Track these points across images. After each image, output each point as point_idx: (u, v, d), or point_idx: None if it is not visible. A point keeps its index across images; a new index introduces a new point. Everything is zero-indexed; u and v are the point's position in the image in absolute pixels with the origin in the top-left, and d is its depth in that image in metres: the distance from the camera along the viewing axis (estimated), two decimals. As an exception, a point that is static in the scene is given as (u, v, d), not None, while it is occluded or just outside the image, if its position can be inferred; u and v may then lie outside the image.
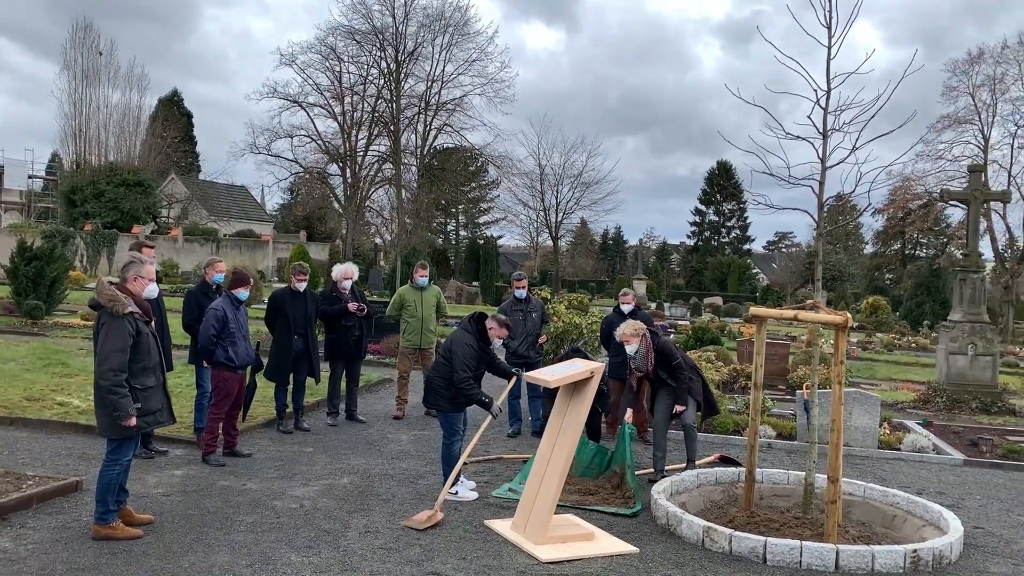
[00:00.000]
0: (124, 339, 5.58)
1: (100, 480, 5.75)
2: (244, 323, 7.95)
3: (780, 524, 6.53)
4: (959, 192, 14.26)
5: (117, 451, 5.76)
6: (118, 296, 5.67)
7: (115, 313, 5.60)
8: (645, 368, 7.75)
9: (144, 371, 5.76)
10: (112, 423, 5.64)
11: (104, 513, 5.68)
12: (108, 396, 5.56)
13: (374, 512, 6.51)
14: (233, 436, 8.05)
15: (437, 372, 7.22)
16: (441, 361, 7.19)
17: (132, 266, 5.92)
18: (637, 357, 7.74)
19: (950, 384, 13.07)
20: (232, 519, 6.16)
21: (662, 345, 7.82)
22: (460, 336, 7.15)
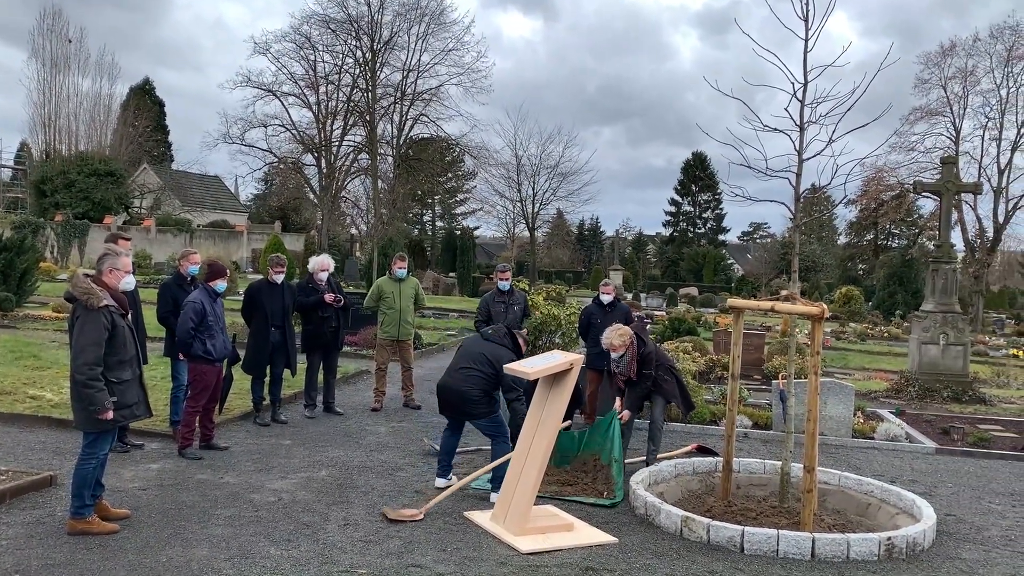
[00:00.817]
0: (99, 332, 5.51)
1: (76, 474, 5.69)
2: (221, 315, 7.88)
3: (757, 513, 6.60)
4: (932, 184, 14.44)
5: (93, 445, 5.70)
6: (93, 289, 5.60)
7: (90, 306, 5.53)
8: (629, 373, 7.76)
9: (120, 364, 5.69)
10: (88, 417, 5.58)
11: (80, 508, 5.61)
12: (84, 390, 5.49)
13: (353, 505, 6.49)
14: (210, 429, 7.99)
15: (470, 383, 6.77)
16: (476, 373, 6.78)
17: (107, 258, 5.86)
18: (622, 363, 7.72)
19: (922, 373, 13.25)
20: (210, 513, 6.12)
21: (646, 355, 7.80)
22: (499, 352, 6.90)
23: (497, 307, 10.25)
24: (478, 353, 6.93)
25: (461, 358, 7.03)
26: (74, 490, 5.64)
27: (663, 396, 8.03)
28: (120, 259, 5.90)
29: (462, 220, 67.36)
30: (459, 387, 6.81)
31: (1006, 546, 6.32)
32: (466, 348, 7.19)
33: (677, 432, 9.88)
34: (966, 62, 34.82)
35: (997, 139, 34.98)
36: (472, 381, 6.78)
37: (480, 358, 6.88)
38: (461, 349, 7.25)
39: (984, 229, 35.81)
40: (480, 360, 6.86)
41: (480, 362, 6.85)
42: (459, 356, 7.11)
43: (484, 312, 10.38)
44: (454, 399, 6.87)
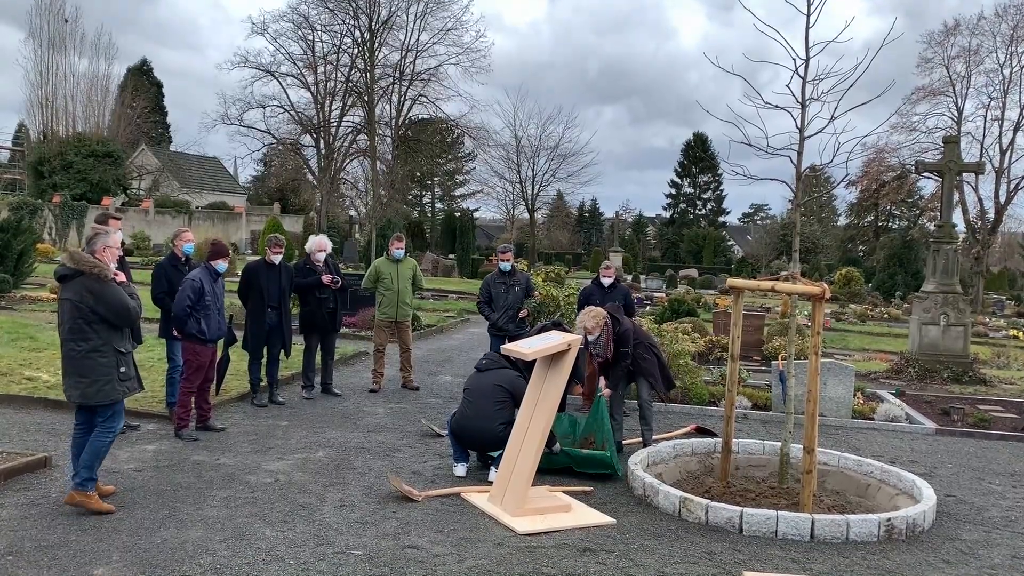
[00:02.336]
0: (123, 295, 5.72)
1: (91, 447, 5.74)
2: (221, 296, 7.81)
3: (756, 494, 6.57)
4: (934, 164, 14.33)
5: (112, 419, 5.84)
6: (100, 264, 5.70)
7: (104, 278, 5.66)
8: (605, 354, 7.71)
9: (122, 337, 5.83)
10: (102, 389, 5.67)
11: (86, 480, 5.66)
12: None
13: (350, 486, 6.45)
14: (206, 410, 7.94)
15: (497, 421, 6.66)
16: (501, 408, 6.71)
17: (99, 237, 5.87)
18: (598, 345, 7.65)
19: (922, 354, 13.21)
20: (205, 494, 6.08)
21: (623, 333, 7.75)
22: (508, 376, 6.85)
23: (498, 288, 10.20)
24: (492, 387, 6.82)
25: (478, 399, 6.85)
26: (85, 461, 5.67)
27: (644, 375, 7.98)
28: (111, 236, 5.93)
29: (461, 202, 67.18)
30: (489, 427, 6.67)
31: (1006, 527, 6.28)
32: (475, 388, 6.97)
33: (675, 413, 9.85)
34: (970, 41, 34.59)
35: (999, 119, 34.81)
36: (500, 417, 6.69)
37: (498, 392, 6.79)
38: (469, 391, 7.03)
39: (985, 210, 35.67)
40: (498, 393, 6.78)
41: (499, 396, 6.77)
42: (472, 398, 6.91)
43: (486, 294, 10.33)
44: (485, 440, 6.78)
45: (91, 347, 5.67)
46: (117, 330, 5.75)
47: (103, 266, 5.70)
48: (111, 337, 5.72)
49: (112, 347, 5.71)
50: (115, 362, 5.73)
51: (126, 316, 5.74)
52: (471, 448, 6.95)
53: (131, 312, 5.76)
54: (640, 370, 7.93)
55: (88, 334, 5.66)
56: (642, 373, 7.95)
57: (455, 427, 6.88)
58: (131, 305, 5.76)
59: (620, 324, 7.77)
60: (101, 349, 5.69)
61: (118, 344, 5.76)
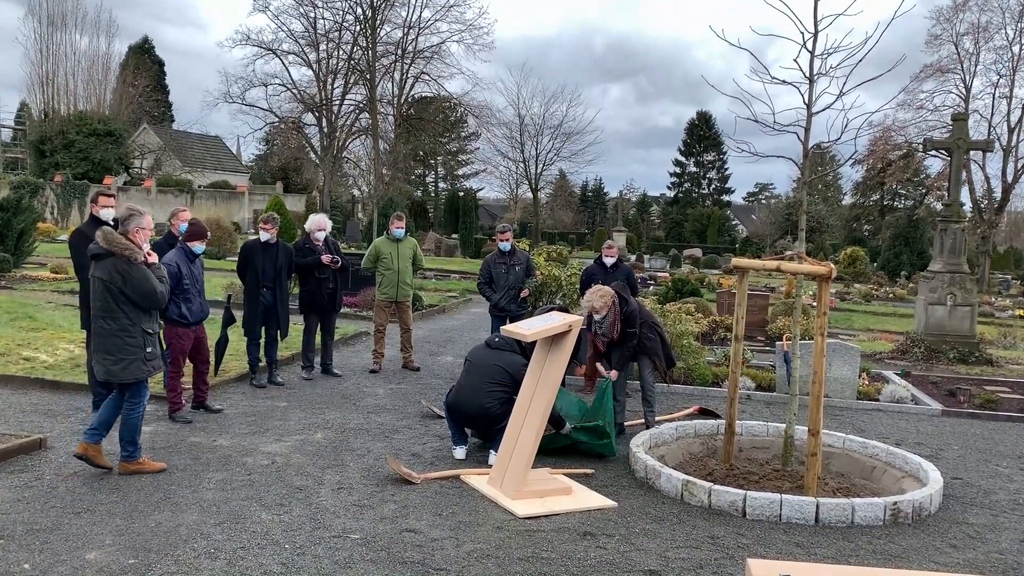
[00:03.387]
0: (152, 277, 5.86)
1: (125, 425, 5.98)
2: (200, 277, 7.70)
3: (760, 477, 6.48)
4: (942, 141, 14.11)
5: (136, 394, 6.00)
6: (131, 245, 5.84)
7: (134, 260, 5.80)
8: (612, 334, 7.57)
9: (150, 318, 6.01)
10: (128, 367, 5.84)
11: (132, 453, 5.98)
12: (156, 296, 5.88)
13: (348, 468, 6.37)
14: (203, 391, 7.86)
15: (492, 400, 6.54)
16: (497, 390, 6.57)
17: (133, 218, 6.02)
18: (604, 325, 7.52)
19: (928, 334, 13.07)
20: (201, 476, 6.00)
21: (630, 313, 7.63)
22: (514, 360, 6.70)
23: (499, 268, 10.10)
24: (493, 367, 6.69)
25: (476, 374, 6.74)
26: (125, 437, 5.97)
27: (647, 355, 7.87)
28: (144, 218, 6.08)
29: (465, 181, 66.87)
30: (481, 404, 6.57)
31: (1014, 510, 6.19)
32: (477, 362, 6.86)
33: (678, 394, 9.76)
34: (979, 17, 34.11)
35: (1008, 97, 34.40)
36: (494, 397, 6.58)
37: (497, 373, 6.66)
38: (470, 364, 6.93)
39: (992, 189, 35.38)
40: (498, 375, 6.66)
41: (499, 377, 6.65)
42: (472, 372, 6.81)
43: (486, 274, 10.23)
44: (477, 417, 6.68)
45: (119, 326, 5.86)
46: (145, 311, 5.91)
47: (134, 248, 5.85)
48: (139, 318, 5.90)
49: (140, 328, 5.91)
50: (142, 342, 5.92)
51: (153, 299, 5.87)
52: (463, 424, 6.85)
53: (158, 296, 5.90)
54: (644, 349, 7.82)
55: (116, 314, 5.85)
56: (646, 352, 7.84)
57: (450, 401, 6.82)
58: (159, 289, 5.91)
59: (627, 304, 7.65)
60: (129, 329, 5.88)
61: (146, 325, 5.94)
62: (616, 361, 7.69)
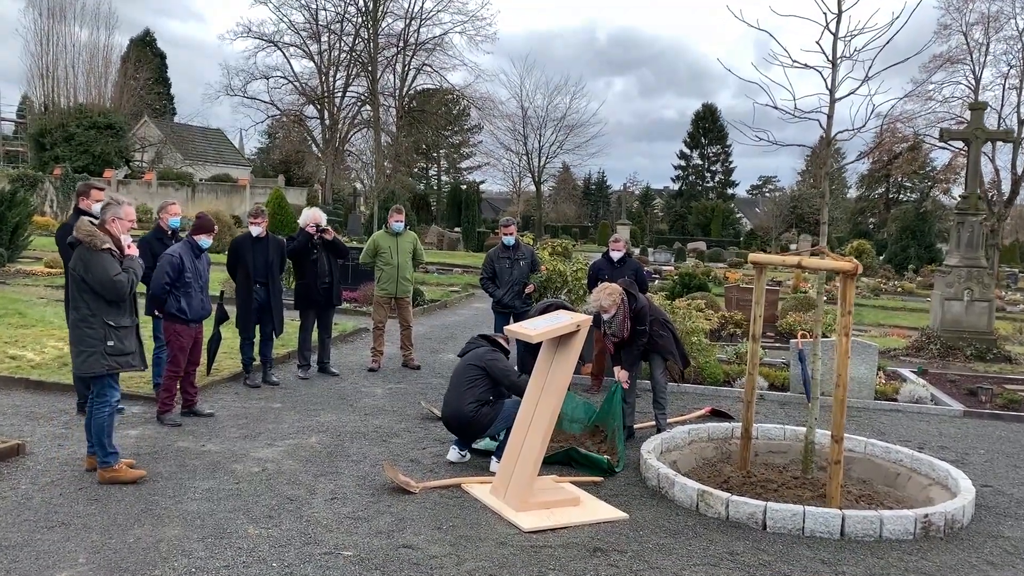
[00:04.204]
0: (113, 266, 5.52)
1: (92, 424, 5.66)
2: (204, 273, 7.33)
3: (778, 484, 6.12)
4: (960, 131, 13.70)
5: (102, 392, 5.66)
6: (96, 232, 5.57)
7: (92, 247, 5.51)
8: (622, 334, 7.20)
9: (119, 309, 5.65)
10: (87, 360, 5.55)
11: (105, 457, 5.61)
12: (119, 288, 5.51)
13: (343, 476, 6.02)
14: (192, 394, 7.49)
15: (465, 399, 6.29)
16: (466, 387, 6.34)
17: (110, 208, 5.80)
18: (614, 324, 7.15)
19: (945, 331, 12.68)
20: (186, 486, 5.65)
21: (640, 310, 7.26)
22: (477, 354, 6.52)
23: (502, 263, 9.71)
24: (464, 367, 6.50)
25: (453, 384, 6.54)
26: (94, 440, 5.64)
27: (660, 353, 7.50)
28: (123, 208, 5.81)
29: (468, 175, 66.41)
30: (458, 409, 6.32)
31: (1049, 521, 5.82)
32: (454, 373, 6.66)
33: (689, 394, 9.39)
34: (988, 7, 33.55)
35: (1018, 88, 33.86)
36: (466, 397, 6.30)
37: (469, 371, 6.44)
38: (451, 379, 6.69)
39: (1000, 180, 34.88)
40: (469, 373, 6.42)
41: (471, 376, 6.40)
42: (451, 383, 6.61)
43: (489, 269, 9.85)
44: (457, 424, 6.40)
45: (80, 316, 5.62)
46: (109, 302, 5.58)
47: (96, 235, 5.57)
48: (99, 308, 5.58)
49: (101, 319, 5.58)
50: (102, 335, 5.58)
51: (111, 289, 5.51)
52: (456, 435, 6.53)
53: (115, 286, 5.52)
54: (656, 347, 7.46)
55: (79, 303, 5.61)
56: (658, 351, 7.48)
57: (442, 416, 6.61)
58: (115, 279, 5.51)
59: (636, 301, 7.28)
60: (89, 320, 5.59)
61: (109, 317, 5.59)
62: (626, 360, 7.32)
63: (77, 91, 50.28)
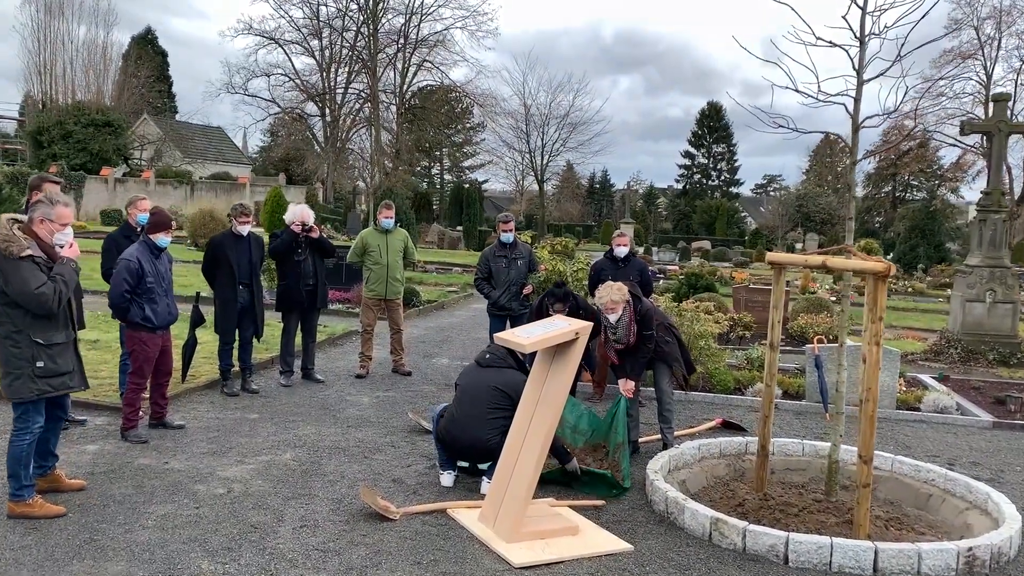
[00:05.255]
0: (36, 276, 4.79)
1: (9, 453, 5.00)
2: (166, 275, 6.71)
3: (799, 509, 5.52)
4: (983, 124, 13.08)
5: (24, 418, 4.99)
6: (13, 236, 4.84)
7: (8, 255, 4.78)
8: (627, 340, 6.54)
9: (48, 325, 4.94)
10: (12, 383, 4.88)
11: (18, 489, 4.94)
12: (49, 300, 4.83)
13: (316, 499, 5.43)
14: (162, 406, 6.90)
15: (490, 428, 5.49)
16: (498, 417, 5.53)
17: (39, 207, 5.06)
18: (620, 327, 6.49)
19: (965, 334, 12.05)
20: (141, 511, 5.07)
21: (645, 313, 6.63)
22: (510, 379, 5.67)
23: (499, 263, 9.11)
24: (488, 390, 5.62)
25: (469, 403, 5.66)
26: (9, 470, 4.99)
27: (665, 361, 6.87)
28: (56, 209, 5.06)
29: (470, 173, 65.80)
30: (478, 437, 5.51)
31: (1102, 551, 5.21)
32: (469, 388, 5.77)
33: (697, 402, 8.79)
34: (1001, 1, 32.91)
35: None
36: (493, 426, 5.50)
37: (495, 396, 5.59)
38: (462, 391, 5.82)
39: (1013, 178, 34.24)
40: (496, 398, 5.58)
41: (496, 401, 5.57)
42: (464, 400, 5.72)
43: (484, 269, 9.25)
44: (473, 451, 5.64)
45: (4, 333, 4.91)
46: (36, 317, 4.87)
47: (12, 241, 4.83)
48: (25, 324, 4.88)
49: (28, 337, 4.89)
50: (30, 355, 4.89)
51: (33, 302, 4.81)
52: (458, 458, 5.85)
53: (37, 299, 4.80)
54: (660, 355, 6.84)
55: (2, 318, 4.89)
56: (663, 358, 6.85)
57: (441, 431, 5.73)
58: (37, 292, 4.78)
59: (640, 302, 6.67)
60: (14, 337, 4.90)
61: (37, 334, 4.90)
62: (632, 369, 6.67)
63: (75, 88, 49.84)
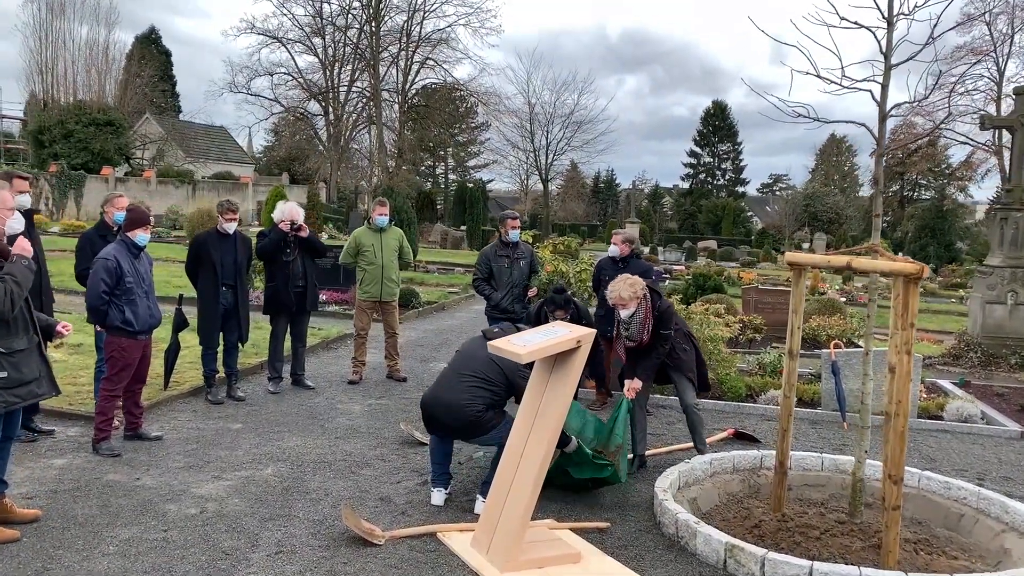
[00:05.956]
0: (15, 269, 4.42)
1: None
2: (146, 275, 6.29)
3: (821, 531, 5.07)
4: (1004, 118, 12.60)
5: None
6: None
7: None
8: (640, 338, 6.11)
9: (7, 330, 4.50)
10: None
11: None
12: None
13: (295, 520, 5.00)
14: (137, 415, 6.47)
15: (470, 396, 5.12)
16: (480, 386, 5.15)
17: None
18: (633, 324, 6.05)
19: (986, 337, 11.57)
20: (102, 535, 4.64)
21: (664, 310, 6.19)
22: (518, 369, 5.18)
23: (500, 262, 8.61)
24: (485, 360, 5.24)
25: (460, 364, 5.33)
26: None
27: (682, 371, 6.40)
28: None
29: (475, 173, 65.36)
30: (458, 400, 5.09)
31: None
32: (466, 352, 5.43)
33: (708, 411, 8.25)
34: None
35: (1043, 80, 32.62)
36: (477, 395, 5.10)
37: (488, 368, 5.20)
38: (459, 352, 5.52)
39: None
40: (488, 370, 5.19)
41: (486, 372, 5.18)
42: (457, 360, 5.42)
43: (484, 268, 8.75)
44: (448, 416, 5.17)
45: None
46: None
47: None
48: None
49: None
50: None
51: None
52: (436, 430, 5.34)
53: None
54: (677, 364, 6.38)
55: None
56: (679, 368, 6.40)
57: (425, 398, 5.34)
58: None
59: (660, 299, 6.24)
60: None
61: None
62: (641, 371, 6.22)
63: (77, 87, 49.58)
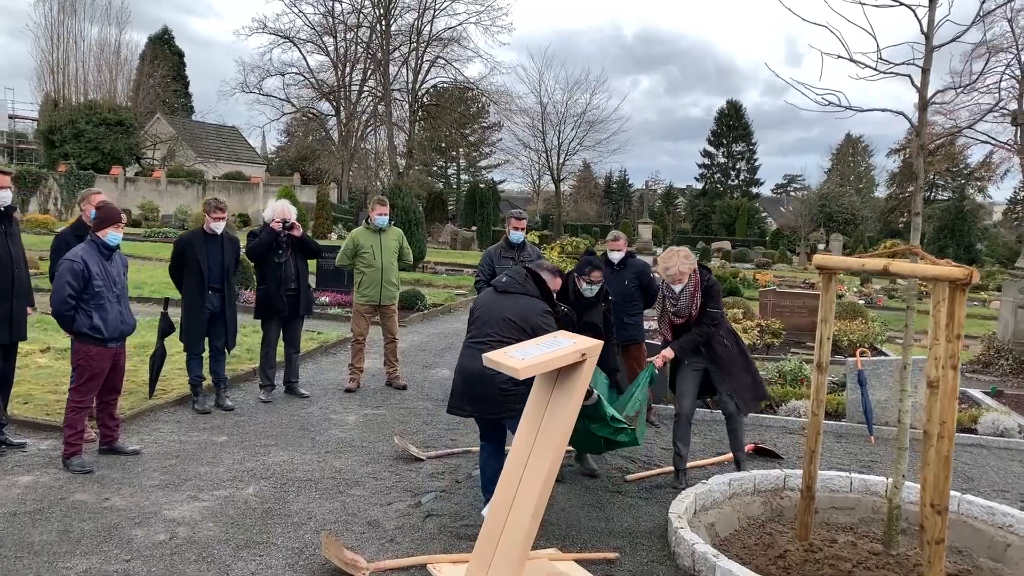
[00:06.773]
0: None
1: None
2: (119, 278, 5.86)
3: (853, 564, 4.58)
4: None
5: None
6: None
7: None
8: (688, 312, 5.84)
9: None
10: None
11: None
12: None
13: (273, 548, 4.55)
14: (112, 428, 6.04)
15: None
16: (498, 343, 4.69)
17: None
18: (682, 299, 5.81)
19: (1017, 343, 11.02)
20: (58, 566, 4.20)
21: (712, 285, 5.90)
22: (527, 307, 4.91)
23: (504, 264, 8.13)
24: (499, 319, 4.90)
25: (477, 329, 4.99)
26: None
27: (723, 370, 5.91)
28: None
29: (487, 173, 64.93)
30: (482, 371, 4.59)
31: None
32: (483, 313, 5.04)
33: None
34: (1034, -8, 31.57)
35: (1066, 78, 31.92)
36: None
37: (504, 325, 4.84)
38: (475, 316, 5.11)
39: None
40: (505, 327, 4.82)
41: (505, 329, 4.81)
42: (474, 327, 5.05)
43: (488, 270, 8.29)
44: (482, 386, 4.79)
45: None
46: None
47: None
48: None
49: None
50: None
51: None
52: (463, 411, 4.97)
53: None
54: (714, 357, 5.90)
55: None
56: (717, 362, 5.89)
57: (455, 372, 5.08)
58: None
59: (709, 273, 5.98)
60: None
61: None
62: (681, 345, 5.87)
63: (88, 87, 49.53)
